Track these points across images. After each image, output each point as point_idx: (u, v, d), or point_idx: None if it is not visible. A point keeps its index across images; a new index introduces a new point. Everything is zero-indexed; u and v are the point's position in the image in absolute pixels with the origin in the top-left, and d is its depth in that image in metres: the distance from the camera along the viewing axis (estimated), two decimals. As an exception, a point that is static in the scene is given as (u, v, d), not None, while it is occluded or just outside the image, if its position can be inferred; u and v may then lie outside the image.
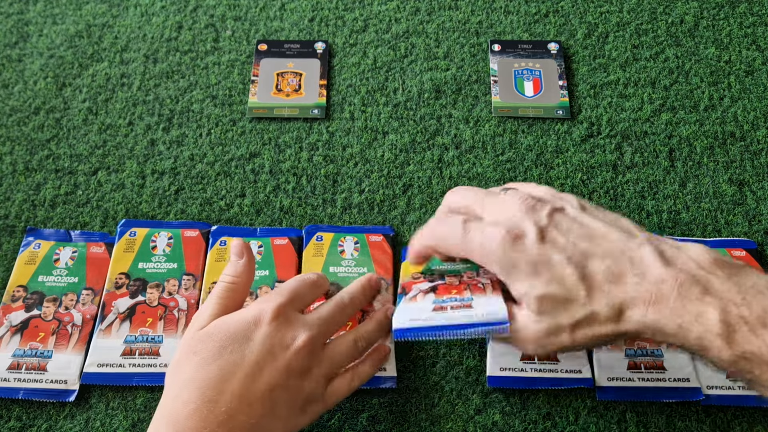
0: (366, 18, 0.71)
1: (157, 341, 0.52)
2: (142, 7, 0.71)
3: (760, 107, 0.65)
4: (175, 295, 0.54)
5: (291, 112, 0.65)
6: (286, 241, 0.57)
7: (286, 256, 0.56)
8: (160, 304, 0.54)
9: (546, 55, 0.68)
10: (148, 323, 0.53)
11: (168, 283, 0.55)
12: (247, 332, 0.44)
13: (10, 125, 0.64)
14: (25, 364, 0.51)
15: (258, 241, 0.57)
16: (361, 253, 0.56)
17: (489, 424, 0.51)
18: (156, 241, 0.57)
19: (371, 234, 0.57)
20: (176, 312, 0.53)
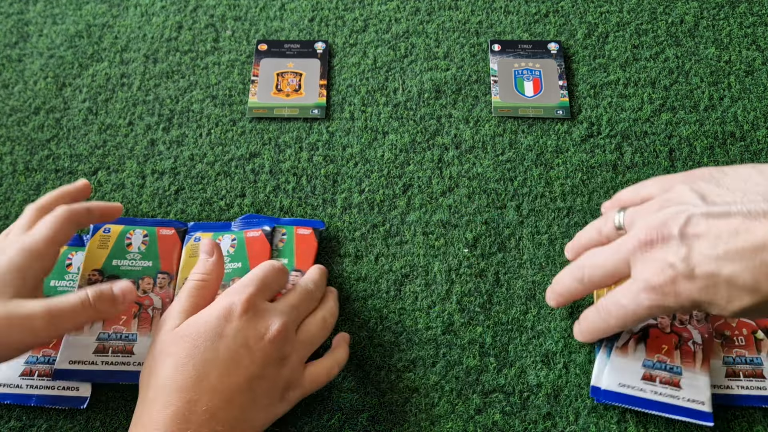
0: (366, 18, 0.71)
1: (131, 339, 0.51)
2: (142, 7, 0.71)
3: (760, 107, 0.65)
4: (149, 294, 0.54)
5: (291, 112, 0.65)
6: (259, 233, 0.56)
7: (259, 248, 0.55)
8: (136, 302, 0.53)
9: (546, 55, 0.68)
10: (121, 321, 0.52)
11: (143, 282, 0.54)
12: (219, 328, 0.44)
13: (10, 125, 0.64)
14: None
15: (232, 234, 0.56)
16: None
17: (489, 424, 0.51)
18: (131, 238, 0.56)
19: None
20: (150, 310, 0.53)
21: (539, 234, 0.58)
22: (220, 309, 0.45)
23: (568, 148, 0.63)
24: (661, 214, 0.44)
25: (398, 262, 0.57)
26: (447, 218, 0.59)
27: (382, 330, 0.54)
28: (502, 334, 0.54)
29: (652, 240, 0.44)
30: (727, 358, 0.51)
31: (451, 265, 0.57)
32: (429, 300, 0.56)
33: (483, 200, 0.60)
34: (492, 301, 0.56)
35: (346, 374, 0.53)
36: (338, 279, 0.57)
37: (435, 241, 0.58)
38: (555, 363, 0.53)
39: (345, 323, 0.55)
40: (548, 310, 0.55)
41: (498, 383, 0.52)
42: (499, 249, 0.58)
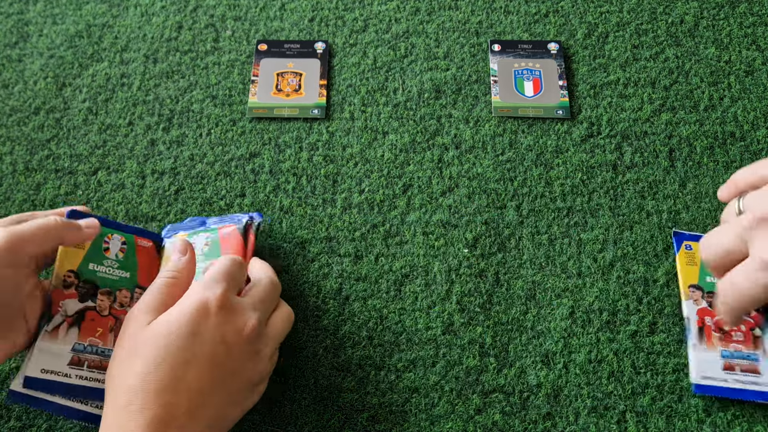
0: (366, 18, 0.71)
1: (107, 355, 0.48)
2: (142, 7, 0.71)
3: (760, 107, 0.65)
4: (126, 308, 0.50)
5: (291, 112, 0.65)
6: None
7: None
8: (111, 314, 0.49)
9: (546, 55, 0.68)
10: (97, 333, 0.49)
11: (120, 294, 0.50)
12: (194, 325, 0.42)
13: (10, 125, 0.64)
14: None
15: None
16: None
17: (489, 424, 0.51)
18: (109, 242, 0.52)
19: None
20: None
21: (539, 234, 0.58)
22: (193, 305, 0.43)
23: (568, 148, 0.63)
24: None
25: (398, 262, 0.57)
26: (447, 218, 0.59)
27: (382, 330, 0.55)
28: (502, 334, 0.54)
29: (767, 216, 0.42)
30: (724, 352, 0.52)
31: (451, 265, 0.57)
32: (429, 300, 0.56)
33: (483, 200, 0.60)
34: (492, 301, 0.56)
35: (346, 374, 0.53)
36: (338, 279, 0.57)
37: (435, 241, 0.58)
38: (555, 363, 0.53)
39: (345, 323, 0.55)
40: (548, 310, 0.55)
41: (498, 383, 0.52)
42: (499, 249, 0.58)
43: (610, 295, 0.56)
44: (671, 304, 0.55)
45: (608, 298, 0.56)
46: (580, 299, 0.55)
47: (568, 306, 0.55)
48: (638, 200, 0.60)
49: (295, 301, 0.55)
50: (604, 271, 0.57)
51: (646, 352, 0.53)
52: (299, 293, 0.56)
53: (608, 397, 0.52)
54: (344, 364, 0.53)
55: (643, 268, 0.57)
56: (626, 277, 0.57)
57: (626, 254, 0.57)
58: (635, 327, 0.54)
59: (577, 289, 0.56)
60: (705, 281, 0.55)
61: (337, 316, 0.55)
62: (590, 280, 0.56)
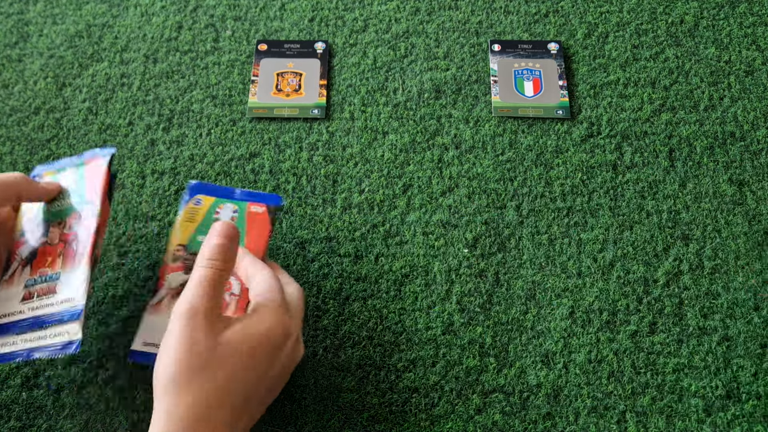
0: (366, 18, 0.71)
1: (54, 279, 0.48)
2: (142, 7, 0.71)
3: (760, 107, 0.65)
4: (74, 228, 0.50)
5: (291, 112, 0.65)
6: (263, 209, 0.53)
7: (259, 226, 0.52)
8: (61, 241, 0.50)
9: (546, 55, 0.68)
10: (47, 263, 0.49)
11: (70, 218, 0.50)
12: (275, 351, 0.44)
13: (10, 125, 0.64)
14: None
15: (234, 204, 0.53)
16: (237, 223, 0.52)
17: (489, 424, 0.51)
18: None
19: (253, 203, 0.53)
20: (75, 245, 0.49)
21: (539, 234, 0.58)
22: (278, 332, 0.44)
23: (568, 148, 0.63)
24: None
25: (398, 262, 0.57)
26: (447, 218, 0.59)
27: (382, 330, 0.55)
28: (502, 334, 0.54)
29: None
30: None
31: (451, 265, 0.57)
32: (429, 300, 0.56)
33: (483, 200, 0.60)
34: (492, 301, 0.56)
35: (346, 374, 0.53)
36: (338, 279, 0.57)
37: (435, 241, 0.58)
38: (555, 363, 0.53)
39: (345, 323, 0.55)
40: (548, 310, 0.55)
41: (498, 383, 0.52)
42: (499, 249, 0.58)
43: (610, 295, 0.56)
44: (671, 304, 0.55)
45: (608, 298, 0.56)
46: (580, 299, 0.56)
47: (568, 306, 0.55)
48: (638, 200, 0.60)
49: (295, 301, 0.55)
50: (604, 271, 0.57)
51: (646, 352, 0.53)
52: (299, 293, 0.56)
53: (608, 397, 0.52)
54: (344, 364, 0.53)
55: (643, 268, 0.57)
56: (626, 277, 0.57)
57: (626, 254, 0.57)
58: (635, 327, 0.54)
59: (577, 289, 0.56)
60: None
61: (337, 316, 0.55)
62: (590, 280, 0.56)
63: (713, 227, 0.59)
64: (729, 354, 0.53)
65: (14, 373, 0.52)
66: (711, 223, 0.59)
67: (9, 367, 0.53)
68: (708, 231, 0.59)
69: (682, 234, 0.58)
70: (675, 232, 0.59)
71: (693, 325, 0.54)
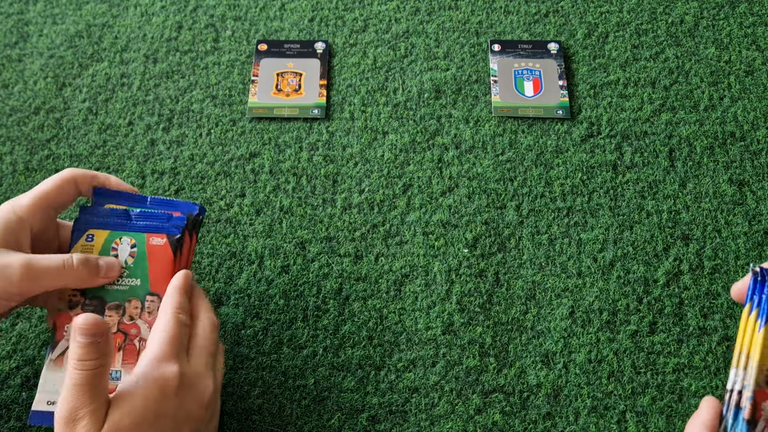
0: (366, 18, 0.71)
1: (114, 378, 0.45)
2: (142, 7, 0.71)
3: (760, 107, 0.65)
4: (136, 320, 0.46)
5: (291, 112, 0.65)
6: (164, 240, 0.47)
7: (161, 259, 0.47)
8: (120, 330, 0.46)
9: (546, 55, 0.68)
10: None
11: (129, 305, 0.46)
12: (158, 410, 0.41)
13: (10, 125, 0.64)
14: None
15: (131, 237, 0.47)
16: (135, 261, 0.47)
17: (489, 424, 0.51)
18: (117, 249, 0.47)
19: (153, 235, 0.48)
20: (137, 342, 0.46)
21: (539, 234, 0.58)
22: (152, 389, 0.41)
23: (568, 148, 0.63)
24: None
25: (398, 262, 0.57)
26: (447, 218, 0.59)
27: (382, 330, 0.55)
28: (502, 334, 0.54)
29: None
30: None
31: (451, 265, 0.57)
32: (429, 300, 0.56)
33: (483, 200, 0.60)
34: (492, 301, 0.56)
35: (346, 374, 0.53)
36: (338, 279, 0.57)
37: (435, 241, 0.58)
38: (555, 363, 0.53)
39: (345, 323, 0.55)
40: (548, 310, 0.55)
41: (498, 383, 0.52)
42: (499, 249, 0.58)
43: (610, 295, 0.56)
44: (671, 304, 0.55)
45: (608, 298, 0.56)
46: (580, 299, 0.56)
47: (568, 306, 0.55)
48: (638, 200, 0.60)
49: (295, 301, 0.56)
50: (604, 271, 0.57)
51: (646, 352, 0.53)
52: (299, 293, 0.56)
53: (608, 397, 0.52)
54: (344, 364, 0.53)
55: (643, 268, 0.57)
56: (626, 277, 0.57)
57: (626, 254, 0.57)
58: (635, 327, 0.54)
59: (577, 289, 0.56)
60: None
61: (337, 316, 0.55)
62: (590, 280, 0.56)
63: (713, 227, 0.59)
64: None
65: (14, 373, 0.52)
66: (711, 223, 0.59)
67: (9, 367, 0.53)
68: (708, 231, 0.59)
69: (682, 234, 0.58)
70: (675, 232, 0.58)
71: (693, 325, 0.54)
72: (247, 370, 0.53)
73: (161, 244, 0.47)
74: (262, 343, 0.54)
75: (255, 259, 0.57)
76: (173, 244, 0.47)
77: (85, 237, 0.47)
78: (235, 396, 0.52)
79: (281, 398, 0.52)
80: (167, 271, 0.47)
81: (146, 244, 0.47)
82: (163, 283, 0.46)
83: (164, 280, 0.47)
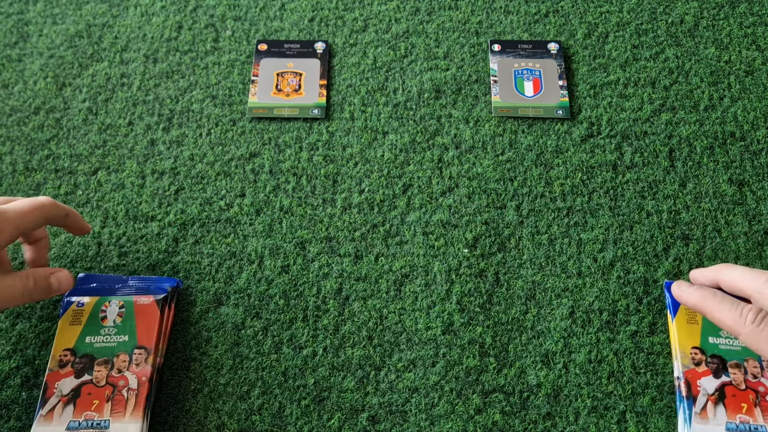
0: (366, 18, 0.71)
1: (103, 426, 0.47)
2: (142, 7, 0.71)
3: (760, 107, 0.65)
4: (125, 372, 0.49)
5: (291, 112, 0.65)
6: (150, 300, 0.52)
7: (148, 317, 0.52)
8: (108, 383, 0.49)
9: (546, 55, 0.68)
10: (93, 406, 0.48)
11: (117, 359, 0.50)
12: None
13: (10, 125, 0.64)
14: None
15: (119, 300, 0.52)
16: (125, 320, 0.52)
17: (489, 424, 0.51)
18: (106, 311, 0.52)
19: (140, 296, 0.52)
20: (125, 392, 0.48)
21: (539, 234, 0.58)
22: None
23: (568, 148, 0.63)
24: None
25: (398, 262, 0.57)
26: (447, 218, 0.59)
27: (382, 330, 0.55)
28: (502, 334, 0.54)
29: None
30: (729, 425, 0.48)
31: (451, 265, 0.57)
32: (429, 300, 0.56)
33: (483, 200, 0.60)
34: (492, 301, 0.56)
35: (346, 374, 0.53)
36: (338, 279, 0.57)
37: (435, 241, 0.58)
38: (555, 363, 0.53)
39: (345, 323, 0.55)
40: (548, 310, 0.55)
41: (498, 383, 0.52)
42: (499, 249, 0.58)
43: (610, 295, 0.56)
44: (671, 304, 0.55)
45: (608, 298, 0.56)
46: (580, 299, 0.56)
47: (568, 306, 0.55)
48: (638, 200, 0.60)
49: (295, 301, 0.56)
50: (604, 271, 0.57)
51: (646, 353, 0.53)
52: (299, 293, 0.56)
53: (608, 397, 0.52)
54: (344, 364, 0.53)
55: (643, 268, 0.57)
56: (626, 277, 0.57)
57: (626, 254, 0.57)
58: (635, 327, 0.54)
59: (577, 289, 0.56)
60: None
61: (337, 316, 0.55)
62: (590, 280, 0.56)
63: (713, 227, 0.59)
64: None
65: (14, 373, 0.52)
66: (711, 223, 0.59)
67: (9, 367, 0.53)
68: (708, 231, 0.59)
69: (682, 234, 0.58)
70: (675, 232, 0.59)
71: (693, 325, 0.54)
72: (247, 370, 0.53)
73: (148, 303, 0.52)
74: (262, 343, 0.54)
75: (255, 259, 0.57)
76: (159, 303, 0.52)
77: (77, 303, 0.52)
78: (235, 396, 0.52)
79: (281, 398, 0.52)
80: (154, 326, 0.51)
81: (134, 304, 0.52)
82: (151, 336, 0.51)
83: (151, 332, 0.51)
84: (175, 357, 0.53)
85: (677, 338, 0.51)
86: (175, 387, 0.52)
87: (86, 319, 0.51)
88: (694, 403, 0.49)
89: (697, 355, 0.50)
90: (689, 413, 0.48)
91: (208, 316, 0.55)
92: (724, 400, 0.48)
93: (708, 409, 0.48)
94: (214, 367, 0.53)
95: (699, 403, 0.49)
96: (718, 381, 0.49)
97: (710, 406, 0.48)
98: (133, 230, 0.59)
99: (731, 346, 0.51)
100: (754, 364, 0.50)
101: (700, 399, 0.49)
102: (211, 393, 0.52)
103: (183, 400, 0.51)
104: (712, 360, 0.50)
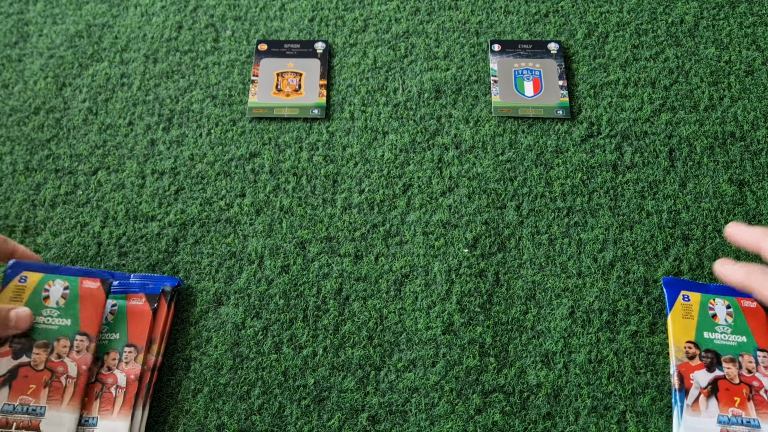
0: (366, 18, 0.71)
1: (39, 413, 0.45)
2: (142, 7, 0.71)
3: (760, 107, 0.65)
4: (64, 359, 0.47)
5: (291, 112, 0.65)
6: (97, 284, 0.50)
7: (94, 302, 0.49)
8: (47, 368, 0.46)
9: (546, 55, 0.68)
10: (30, 390, 0.46)
11: (58, 344, 0.47)
12: None
13: (10, 125, 0.64)
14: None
15: (65, 281, 0.49)
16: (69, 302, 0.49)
17: (489, 424, 0.51)
18: (49, 290, 0.49)
19: (86, 278, 0.49)
20: (64, 379, 0.46)
21: (539, 234, 0.58)
22: None
23: (568, 148, 0.63)
24: None
25: (398, 262, 0.57)
26: (447, 218, 0.59)
27: (382, 330, 0.55)
28: (502, 334, 0.54)
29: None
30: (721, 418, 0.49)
31: (451, 265, 0.57)
32: (429, 300, 0.56)
33: (483, 200, 0.60)
34: (492, 301, 0.56)
35: (346, 374, 0.53)
36: (338, 279, 0.57)
37: (435, 241, 0.58)
38: (555, 363, 0.53)
39: (345, 323, 0.55)
40: (548, 310, 0.55)
41: (498, 383, 0.52)
42: (499, 249, 0.58)
43: (610, 295, 0.56)
44: (671, 304, 0.55)
45: (608, 298, 0.56)
46: (580, 299, 0.56)
47: (568, 306, 0.55)
48: (638, 200, 0.60)
49: (295, 301, 0.56)
50: (604, 271, 0.57)
51: (646, 353, 0.53)
52: (299, 293, 0.56)
53: (608, 397, 0.52)
54: (344, 364, 0.53)
55: (643, 268, 0.57)
56: (626, 277, 0.57)
57: (626, 254, 0.57)
58: (635, 327, 0.54)
59: (577, 289, 0.56)
60: (702, 336, 0.52)
61: (337, 316, 0.55)
62: (590, 280, 0.56)
63: (713, 227, 0.59)
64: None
65: None
66: (711, 223, 0.59)
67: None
68: (708, 231, 0.59)
69: (682, 234, 0.58)
70: (675, 232, 0.58)
71: (693, 325, 0.54)
72: (247, 370, 0.53)
73: (95, 288, 0.49)
74: (262, 343, 0.54)
75: (255, 258, 0.57)
76: (107, 285, 0.49)
77: (19, 278, 0.49)
78: (235, 396, 0.52)
79: (281, 398, 0.52)
80: (99, 312, 0.49)
81: (79, 287, 0.49)
82: (95, 323, 0.48)
83: (96, 320, 0.48)
84: (175, 357, 0.53)
85: (672, 333, 0.52)
86: (175, 387, 0.52)
87: (27, 296, 0.48)
88: (686, 396, 0.49)
89: (691, 349, 0.51)
90: (681, 405, 0.49)
91: (208, 316, 0.55)
92: (717, 393, 0.49)
93: (700, 402, 0.49)
94: (214, 367, 0.53)
95: (691, 395, 0.49)
96: (711, 375, 0.50)
97: (702, 399, 0.49)
98: (133, 230, 0.59)
99: (726, 341, 0.51)
100: (749, 359, 0.50)
101: (692, 392, 0.49)
102: (211, 393, 0.52)
103: (183, 400, 0.51)
104: (706, 354, 0.51)
